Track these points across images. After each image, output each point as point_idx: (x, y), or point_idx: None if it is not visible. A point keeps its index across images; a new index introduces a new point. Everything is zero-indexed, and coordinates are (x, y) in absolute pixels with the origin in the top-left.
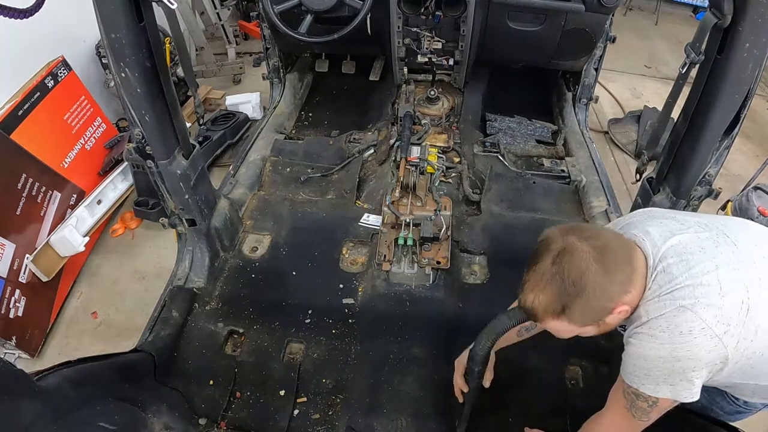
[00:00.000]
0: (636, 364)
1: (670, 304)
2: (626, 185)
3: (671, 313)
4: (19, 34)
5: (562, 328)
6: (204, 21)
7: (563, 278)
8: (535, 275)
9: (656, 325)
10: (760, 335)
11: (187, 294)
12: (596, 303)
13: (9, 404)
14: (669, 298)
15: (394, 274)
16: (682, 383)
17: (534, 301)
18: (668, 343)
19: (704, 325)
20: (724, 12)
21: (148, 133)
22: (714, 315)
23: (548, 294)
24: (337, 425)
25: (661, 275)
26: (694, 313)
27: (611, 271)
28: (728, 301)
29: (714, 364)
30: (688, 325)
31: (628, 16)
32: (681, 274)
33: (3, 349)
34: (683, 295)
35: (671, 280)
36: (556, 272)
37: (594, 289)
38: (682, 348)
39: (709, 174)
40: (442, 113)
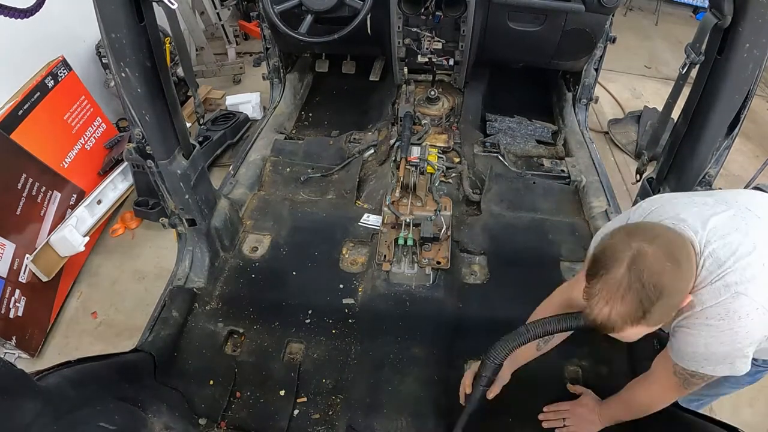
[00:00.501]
0: (695, 351)
1: (725, 291)
2: (626, 185)
3: (727, 300)
4: (19, 34)
5: (635, 333)
6: (204, 21)
7: (643, 284)
8: (610, 286)
9: (714, 313)
10: None
11: (187, 294)
12: (674, 301)
13: (9, 404)
14: (722, 284)
15: (394, 274)
16: (739, 359)
17: (612, 312)
18: (728, 329)
19: (758, 305)
20: (724, 12)
21: (148, 133)
22: (764, 293)
23: (628, 303)
24: (337, 425)
25: (708, 261)
26: (749, 297)
27: (682, 268)
28: None
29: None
30: (745, 309)
31: (628, 16)
32: (728, 258)
33: (3, 349)
34: (735, 280)
35: (720, 265)
36: (633, 280)
37: (672, 289)
38: (742, 331)
39: (709, 174)
40: (442, 113)
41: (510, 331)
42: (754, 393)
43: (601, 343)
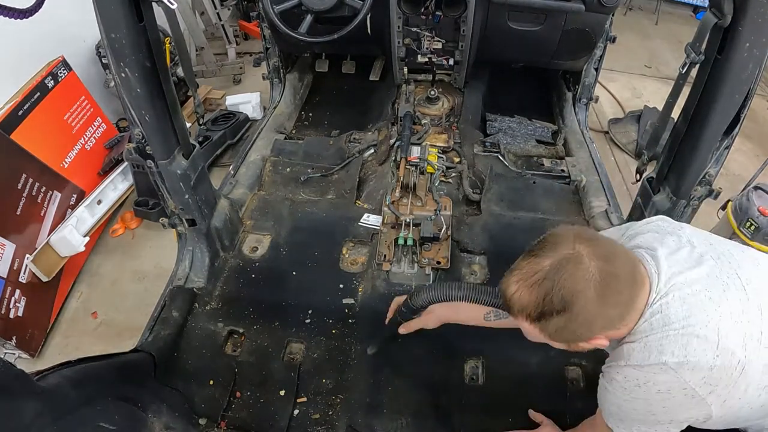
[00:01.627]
0: (609, 408)
1: (655, 357)
2: (626, 185)
3: (652, 369)
4: (19, 34)
5: (531, 332)
6: (204, 21)
7: (554, 289)
8: (528, 269)
9: (633, 376)
10: (751, 392)
11: (187, 294)
12: (575, 328)
13: (9, 404)
14: (656, 348)
15: (394, 274)
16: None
17: (515, 294)
18: (643, 399)
19: (686, 386)
20: (724, 12)
21: (148, 133)
22: (701, 377)
23: (532, 295)
24: (337, 425)
25: (657, 315)
26: (677, 374)
27: (606, 305)
28: (722, 362)
29: (696, 420)
30: (667, 386)
31: (628, 16)
32: (678, 320)
33: (3, 349)
34: (672, 349)
35: (666, 324)
36: (549, 278)
37: (578, 315)
38: (658, 405)
39: (709, 174)
40: (442, 113)
41: (510, 330)
42: None
43: None
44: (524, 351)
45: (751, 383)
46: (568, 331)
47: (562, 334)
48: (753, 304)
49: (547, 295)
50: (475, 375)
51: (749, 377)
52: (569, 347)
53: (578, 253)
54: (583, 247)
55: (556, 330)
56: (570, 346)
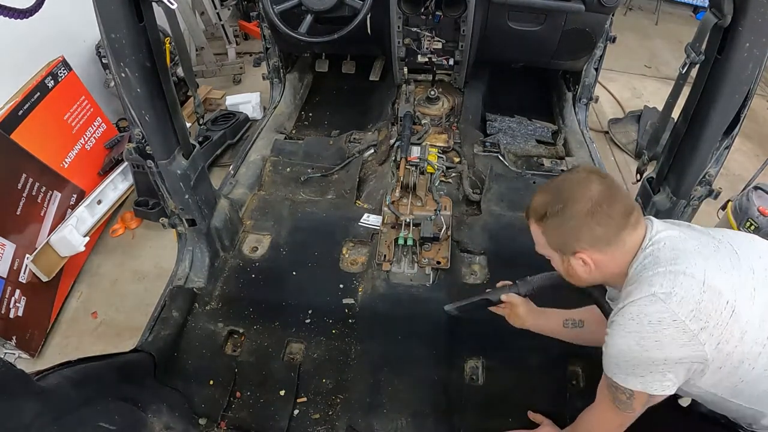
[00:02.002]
0: (609, 352)
1: (646, 290)
2: (626, 185)
3: (643, 300)
4: (19, 34)
5: (537, 237)
6: (204, 21)
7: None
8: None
9: (628, 312)
10: (748, 343)
11: (187, 294)
12: (566, 232)
13: (9, 404)
14: (647, 283)
15: (394, 274)
16: (652, 375)
17: (534, 199)
18: (635, 332)
19: (676, 317)
20: (724, 12)
21: (148, 133)
22: (690, 310)
23: (542, 197)
24: (337, 425)
25: (648, 258)
26: (666, 305)
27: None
28: (709, 297)
29: (690, 362)
30: (657, 316)
31: (628, 16)
32: (667, 260)
33: (3, 349)
34: (661, 281)
35: (656, 263)
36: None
37: (570, 221)
38: (650, 338)
39: (709, 174)
40: (442, 113)
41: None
42: None
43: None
44: (524, 351)
45: (748, 332)
46: (560, 234)
47: (556, 236)
48: (744, 264)
49: (552, 196)
50: (475, 375)
51: (742, 324)
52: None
53: (589, 177)
54: (595, 175)
55: (552, 231)
56: (563, 261)
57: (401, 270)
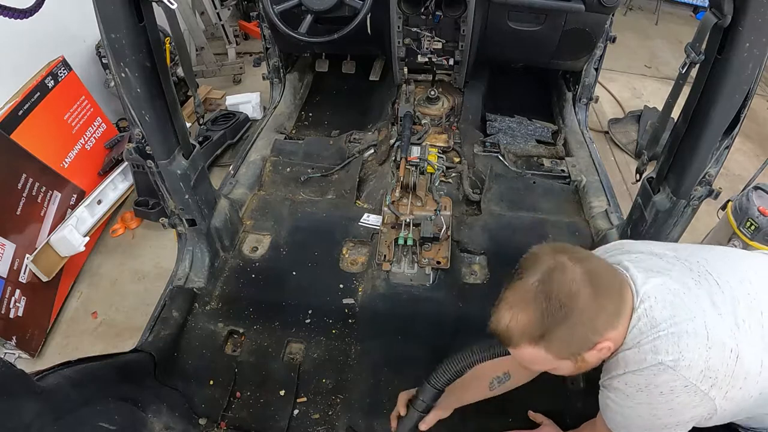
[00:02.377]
0: (614, 418)
1: (651, 359)
2: (626, 185)
3: (651, 370)
4: (19, 34)
5: (537, 358)
6: (204, 21)
7: (550, 298)
8: (516, 293)
9: (634, 382)
10: (751, 380)
11: (187, 294)
12: (581, 332)
13: (9, 404)
14: (650, 350)
15: (394, 274)
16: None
17: (511, 321)
18: (647, 403)
19: (687, 383)
20: (724, 12)
21: (148, 133)
22: (700, 371)
23: (529, 314)
24: (337, 425)
25: (643, 319)
26: (676, 372)
27: (602, 297)
28: (715, 352)
29: (701, 416)
30: (669, 386)
31: (628, 16)
32: (665, 320)
33: (3, 349)
34: (666, 347)
35: (654, 326)
36: (542, 291)
37: (581, 315)
38: (663, 407)
39: (709, 174)
40: (442, 113)
41: None
42: None
43: None
44: None
45: (750, 372)
46: (573, 339)
47: (568, 345)
48: (728, 295)
49: (546, 307)
50: None
51: (746, 366)
52: (575, 365)
53: (560, 261)
54: (561, 255)
55: (561, 343)
56: (576, 363)
57: (401, 270)
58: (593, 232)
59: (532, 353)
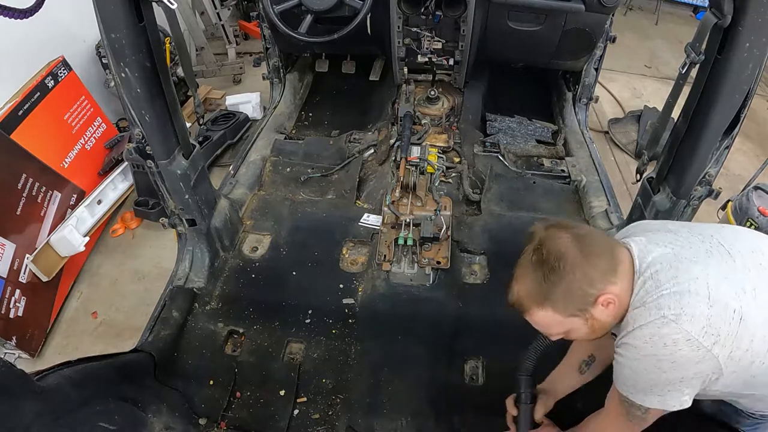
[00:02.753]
0: (624, 374)
1: (655, 313)
2: (626, 185)
3: (655, 323)
4: (19, 34)
5: (549, 320)
6: (204, 21)
7: (543, 263)
8: (519, 266)
9: (640, 335)
10: (757, 343)
11: (187, 294)
12: (578, 287)
13: (9, 404)
14: (654, 306)
15: (394, 274)
16: (670, 393)
17: (518, 291)
18: (652, 355)
19: (689, 336)
20: (724, 12)
21: (148, 133)
22: (701, 326)
23: (531, 281)
24: (337, 425)
25: (649, 281)
26: (678, 325)
27: (591, 255)
28: (717, 311)
29: (705, 375)
30: (671, 337)
31: (628, 16)
32: (668, 280)
33: (3, 349)
34: (669, 303)
35: (658, 286)
36: (537, 258)
37: (574, 272)
38: (667, 359)
39: (709, 174)
40: (442, 113)
41: (510, 330)
42: None
43: None
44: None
45: (756, 335)
46: (573, 295)
47: (570, 302)
48: (739, 263)
49: (542, 272)
50: (475, 375)
51: (750, 328)
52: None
53: (550, 233)
54: (552, 228)
55: (564, 300)
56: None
57: (401, 270)
58: None
59: (542, 316)
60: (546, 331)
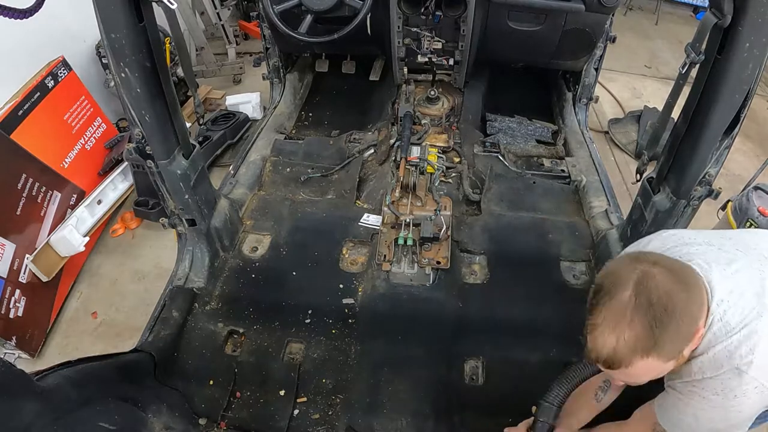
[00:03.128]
0: (682, 419)
1: (726, 363)
2: (626, 185)
3: (726, 375)
4: (19, 34)
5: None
6: (204, 21)
7: (651, 305)
8: (613, 313)
9: (710, 387)
10: None
11: (187, 294)
12: (685, 328)
13: (9, 404)
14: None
15: (394, 274)
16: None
17: (618, 341)
18: (721, 407)
19: (757, 384)
20: (724, 12)
21: (148, 133)
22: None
23: (637, 327)
24: (337, 425)
25: (717, 325)
26: (750, 376)
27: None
28: None
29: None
30: (742, 389)
31: (628, 16)
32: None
33: (3, 349)
34: (740, 353)
35: (728, 332)
36: (641, 302)
37: (683, 312)
38: (734, 410)
39: (709, 174)
40: (442, 113)
41: (510, 330)
42: None
43: None
44: (524, 351)
45: None
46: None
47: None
48: None
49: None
50: (475, 375)
51: None
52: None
53: (643, 270)
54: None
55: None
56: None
57: (401, 270)
58: (593, 232)
59: (643, 366)
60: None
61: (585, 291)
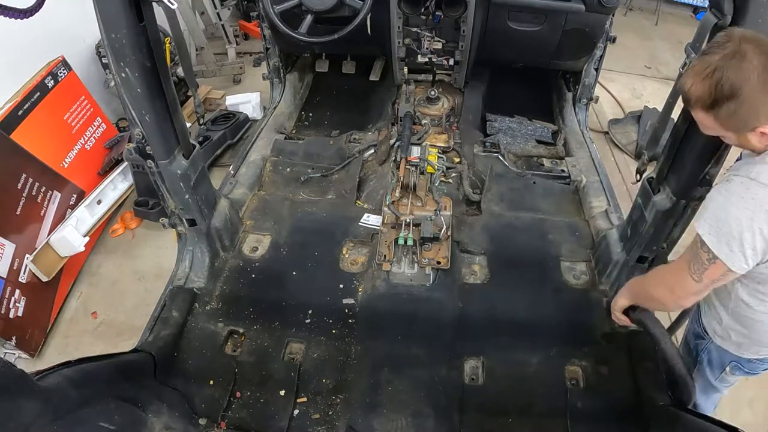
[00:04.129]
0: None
1: None
2: (626, 185)
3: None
4: (19, 34)
5: (706, 123)
6: (204, 21)
7: (722, 77)
8: (701, 64)
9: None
10: None
11: (187, 294)
12: (744, 114)
13: (9, 404)
14: None
15: (395, 274)
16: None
17: (691, 87)
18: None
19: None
20: (724, 12)
21: (148, 133)
22: None
23: (704, 86)
24: (337, 425)
25: None
26: None
27: None
28: None
29: None
30: None
31: (628, 16)
32: None
33: (3, 349)
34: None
35: None
36: (719, 69)
37: (746, 101)
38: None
39: (709, 174)
40: (442, 113)
41: (510, 330)
42: (754, 393)
43: (601, 343)
44: (524, 351)
45: None
46: (737, 117)
47: (733, 120)
48: None
49: (718, 84)
50: (475, 375)
51: None
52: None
53: (743, 49)
54: (747, 44)
55: (727, 116)
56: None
57: (401, 270)
58: (593, 232)
59: (703, 117)
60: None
61: (585, 291)
